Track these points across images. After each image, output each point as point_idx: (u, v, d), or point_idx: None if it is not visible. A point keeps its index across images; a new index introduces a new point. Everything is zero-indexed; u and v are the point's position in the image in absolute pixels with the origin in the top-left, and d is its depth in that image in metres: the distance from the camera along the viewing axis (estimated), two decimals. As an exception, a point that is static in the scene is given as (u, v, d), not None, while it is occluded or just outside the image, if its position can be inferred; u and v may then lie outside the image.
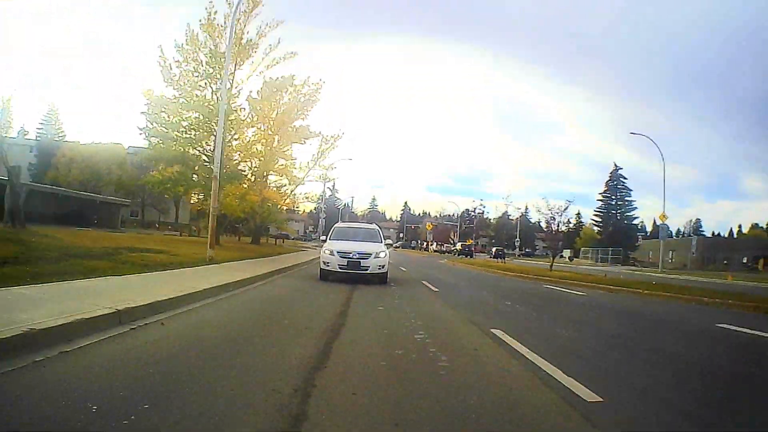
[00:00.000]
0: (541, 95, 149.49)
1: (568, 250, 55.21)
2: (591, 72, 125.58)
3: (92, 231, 21.82)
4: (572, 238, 67.92)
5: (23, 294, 4.91)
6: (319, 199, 40.00)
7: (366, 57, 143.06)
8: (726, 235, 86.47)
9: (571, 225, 66.49)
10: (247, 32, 21.69)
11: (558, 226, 22.35)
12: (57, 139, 48.09)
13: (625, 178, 54.26)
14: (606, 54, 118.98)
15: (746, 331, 7.35)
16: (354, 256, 10.60)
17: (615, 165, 52.35)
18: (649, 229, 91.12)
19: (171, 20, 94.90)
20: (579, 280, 16.42)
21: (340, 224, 14.07)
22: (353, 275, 10.62)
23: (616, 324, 7.80)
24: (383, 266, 10.82)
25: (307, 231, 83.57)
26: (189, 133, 20.79)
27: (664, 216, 29.40)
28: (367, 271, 10.64)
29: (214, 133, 20.81)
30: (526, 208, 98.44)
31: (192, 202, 23.43)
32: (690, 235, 68.88)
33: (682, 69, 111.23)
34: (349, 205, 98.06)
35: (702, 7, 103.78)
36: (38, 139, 52.93)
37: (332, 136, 25.13)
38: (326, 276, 10.82)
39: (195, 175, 21.81)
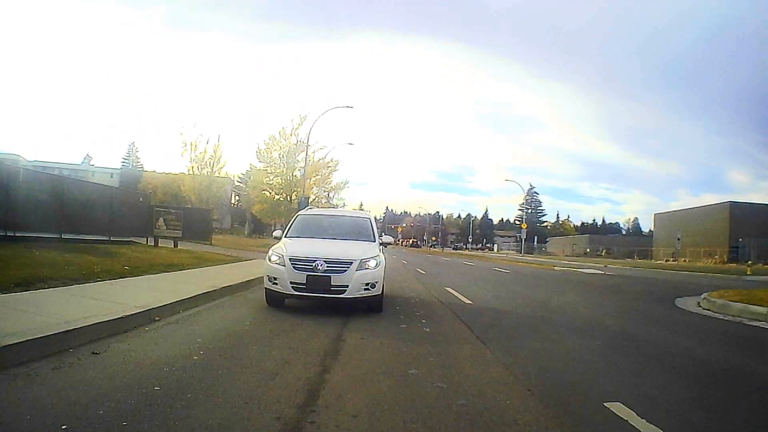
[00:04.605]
0: (523, 92, 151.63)
1: (496, 245, 79.59)
2: (573, 68, 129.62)
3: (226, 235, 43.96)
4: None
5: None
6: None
7: (345, 55, 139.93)
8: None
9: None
10: (298, 134, 44.15)
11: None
12: (139, 168, 68.06)
13: (537, 193, 78.95)
14: (588, 50, 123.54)
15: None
16: (319, 267, 6.19)
17: (530, 185, 76.84)
18: (629, 223, 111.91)
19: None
20: (458, 254, 39.73)
21: (307, 211, 8.97)
22: (319, 301, 6.40)
23: (460, 266, 30.38)
24: (373, 285, 6.39)
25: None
26: (276, 189, 43.35)
27: (525, 225, 52.90)
28: (343, 295, 6.23)
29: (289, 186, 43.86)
30: (486, 210, 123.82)
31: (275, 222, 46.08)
32: (585, 234, 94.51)
33: (665, 64, 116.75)
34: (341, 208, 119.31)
35: (685, 2, 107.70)
36: (122, 168, 73.99)
37: (343, 182, 47.72)
38: (276, 300, 6.65)
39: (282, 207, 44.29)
